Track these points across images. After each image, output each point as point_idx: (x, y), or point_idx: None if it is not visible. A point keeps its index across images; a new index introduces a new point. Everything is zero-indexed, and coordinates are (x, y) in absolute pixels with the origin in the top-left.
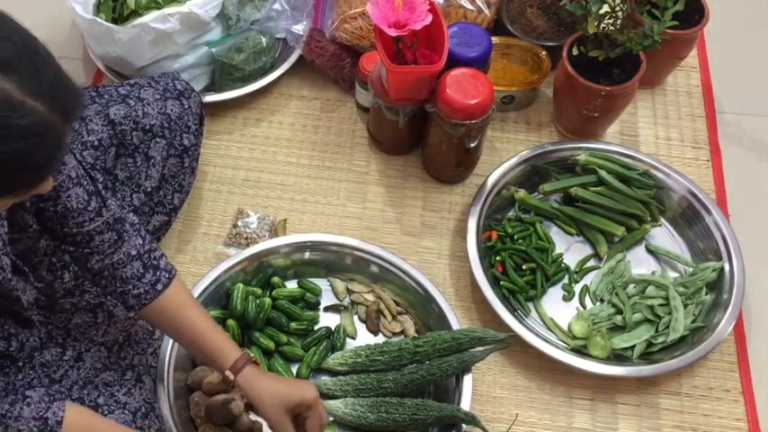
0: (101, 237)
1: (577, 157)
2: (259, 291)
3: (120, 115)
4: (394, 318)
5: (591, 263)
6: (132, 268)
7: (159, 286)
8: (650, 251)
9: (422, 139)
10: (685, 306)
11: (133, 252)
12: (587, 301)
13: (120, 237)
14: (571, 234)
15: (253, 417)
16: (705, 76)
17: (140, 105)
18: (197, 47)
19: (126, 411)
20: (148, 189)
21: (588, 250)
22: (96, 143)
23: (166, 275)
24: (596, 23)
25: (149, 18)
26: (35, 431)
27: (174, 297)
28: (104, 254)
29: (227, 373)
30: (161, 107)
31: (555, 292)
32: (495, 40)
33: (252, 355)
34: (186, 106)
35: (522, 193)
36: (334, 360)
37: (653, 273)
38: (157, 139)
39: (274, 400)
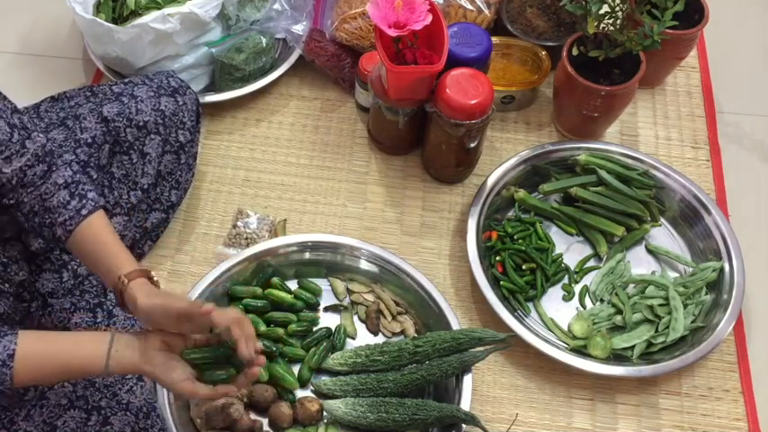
0: (32, 170)
1: (577, 157)
2: (259, 290)
3: (113, 113)
4: (394, 318)
5: (591, 263)
6: (59, 197)
7: (84, 211)
8: (650, 251)
9: (422, 139)
10: (685, 306)
11: (60, 181)
12: (587, 301)
13: (49, 168)
14: (571, 234)
15: (253, 416)
16: (705, 76)
17: (133, 102)
18: (197, 47)
19: (128, 413)
20: (145, 186)
21: (588, 250)
22: (89, 140)
23: (92, 204)
24: (596, 23)
25: (149, 18)
26: None
27: (96, 226)
28: (34, 185)
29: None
30: (155, 104)
31: (555, 292)
32: (495, 40)
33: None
34: (181, 103)
35: (522, 193)
36: (334, 360)
37: (653, 273)
38: (152, 136)
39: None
